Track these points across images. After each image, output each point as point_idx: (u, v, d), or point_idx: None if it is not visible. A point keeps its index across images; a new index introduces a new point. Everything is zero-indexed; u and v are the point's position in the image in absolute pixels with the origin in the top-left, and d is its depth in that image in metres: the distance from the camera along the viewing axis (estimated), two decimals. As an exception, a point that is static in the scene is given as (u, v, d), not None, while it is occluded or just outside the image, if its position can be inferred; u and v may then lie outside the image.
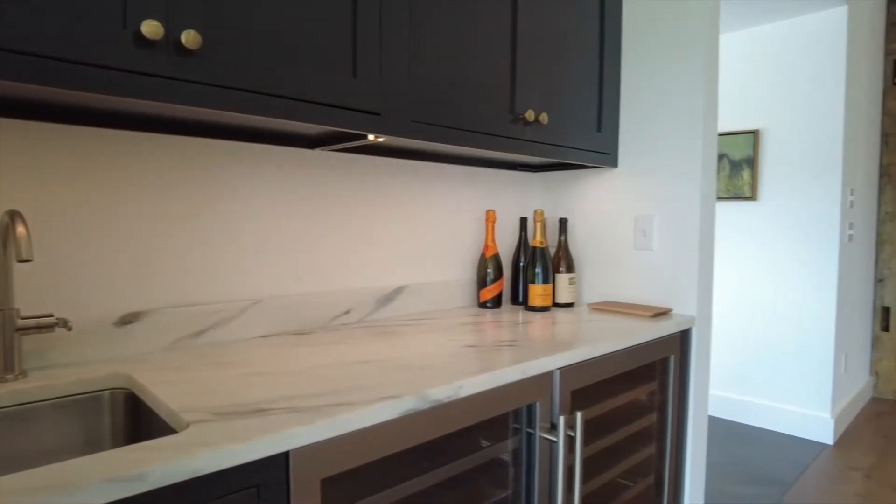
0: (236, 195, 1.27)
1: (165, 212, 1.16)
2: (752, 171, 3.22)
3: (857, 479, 2.61)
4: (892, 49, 3.71)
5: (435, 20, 1.24)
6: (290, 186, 1.36)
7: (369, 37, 1.11)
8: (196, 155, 1.20)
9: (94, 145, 1.07)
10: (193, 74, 0.88)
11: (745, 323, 3.27)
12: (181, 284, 1.19)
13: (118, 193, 1.10)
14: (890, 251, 3.72)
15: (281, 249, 1.35)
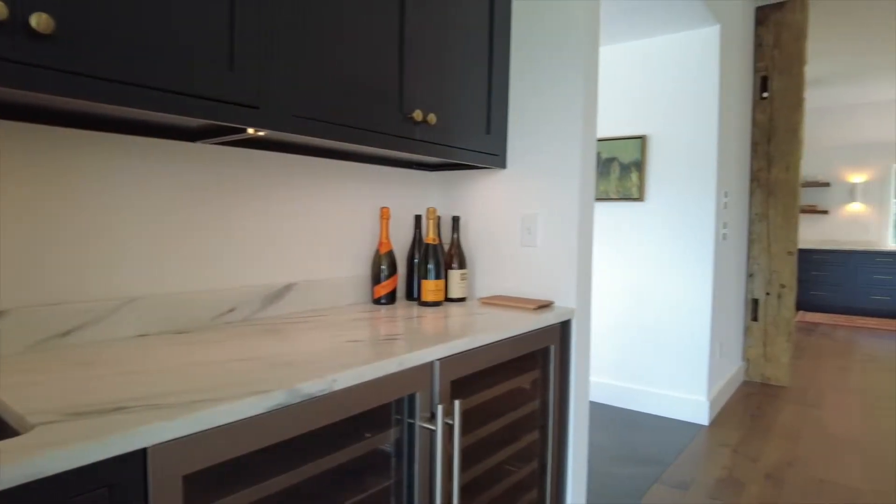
0: (109, 187, 1.21)
1: (29, 206, 1.09)
2: (640, 173, 3.45)
3: (725, 454, 2.88)
4: (760, 67, 4.11)
5: (320, 15, 1.24)
6: (171, 180, 1.32)
7: (248, 28, 1.10)
8: (64, 146, 1.14)
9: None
10: (47, 60, 0.84)
11: (632, 314, 3.51)
12: (45, 282, 1.12)
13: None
14: (758, 249, 4.11)
15: (159, 245, 1.30)
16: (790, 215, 4.00)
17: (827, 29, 4.69)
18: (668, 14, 3.03)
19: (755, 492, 2.47)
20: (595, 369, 3.66)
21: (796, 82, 3.99)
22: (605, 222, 3.60)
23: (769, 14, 4.06)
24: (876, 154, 7.81)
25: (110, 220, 1.22)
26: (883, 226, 7.80)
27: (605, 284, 3.60)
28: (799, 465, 2.76)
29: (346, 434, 1.10)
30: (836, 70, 5.96)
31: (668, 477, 2.60)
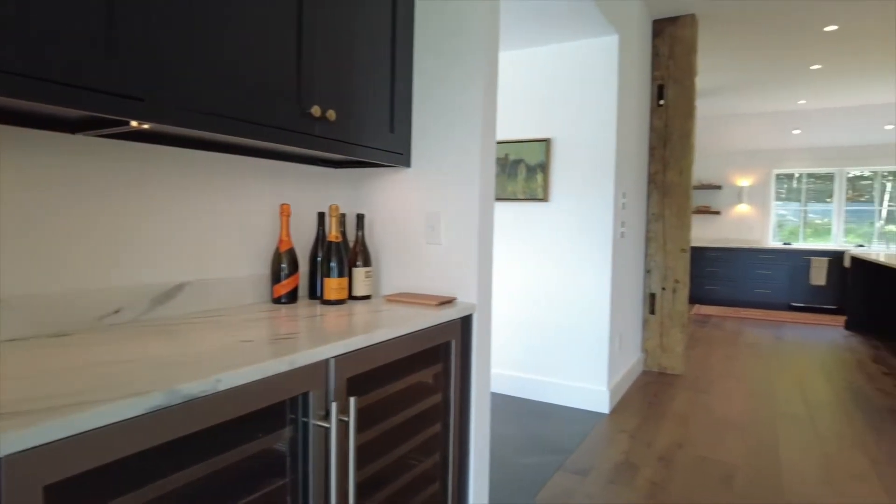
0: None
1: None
2: (545, 175, 3.59)
3: (623, 440, 3.05)
4: (657, 76, 4.38)
5: (212, 3, 1.20)
6: (52, 173, 1.23)
7: (131, 14, 1.05)
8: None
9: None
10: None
11: (539, 309, 3.65)
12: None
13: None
14: (655, 247, 4.39)
15: (33, 243, 1.22)
16: (683, 216, 4.30)
17: (717, 44, 5.08)
18: (569, 23, 3.17)
19: (648, 474, 2.64)
20: (503, 362, 3.77)
21: (688, 92, 4.29)
22: (512, 221, 3.71)
23: (665, 27, 4.35)
24: (760, 160, 8.54)
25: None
26: (765, 226, 8.55)
27: (514, 280, 3.72)
28: (687, 446, 2.98)
29: (239, 434, 1.08)
30: (726, 82, 6.47)
31: (569, 464, 2.73)
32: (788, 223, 8.55)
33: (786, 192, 8.53)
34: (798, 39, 4.94)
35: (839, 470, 2.72)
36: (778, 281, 7.97)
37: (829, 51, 5.24)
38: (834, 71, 5.90)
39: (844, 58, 5.45)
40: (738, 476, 2.63)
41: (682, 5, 4.14)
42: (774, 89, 6.77)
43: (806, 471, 2.70)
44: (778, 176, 8.53)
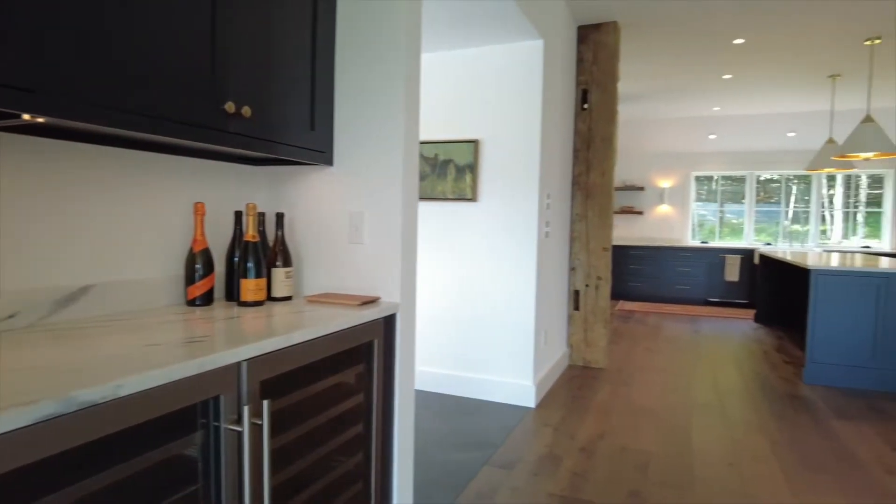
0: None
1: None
2: (473, 175, 3.65)
3: (548, 433, 3.15)
4: (581, 81, 4.54)
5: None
6: (-78, 169, 1.14)
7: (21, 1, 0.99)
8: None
9: None
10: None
11: (467, 307, 3.70)
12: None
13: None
14: (579, 245, 4.55)
15: None
16: (605, 216, 4.48)
17: (639, 52, 5.32)
18: (496, 27, 3.24)
19: (570, 465, 2.74)
20: (432, 360, 3.80)
21: (611, 97, 4.47)
22: (442, 221, 3.75)
23: (589, 34, 4.51)
24: (679, 163, 9.00)
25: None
26: (685, 225, 9.03)
27: (443, 279, 3.76)
28: (608, 436, 3.11)
29: (148, 441, 1.04)
30: (648, 88, 6.78)
31: (496, 459, 2.79)
32: (708, 222, 9.06)
33: (705, 193, 9.04)
34: (711, 51, 5.25)
35: (743, 452, 2.92)
36: (696, 277, 8.43)
37: (738, 62, 5.60)
38: (743, 80, 6.31)
39: (752, 69, 5.83)
40: (653, 463, 2.77)
41: (605, 13, 4.31)
42: (691, 96, 7.16)
43: (714, 454, 2.88)
44: (697, 178, 9.02)
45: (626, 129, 8.85)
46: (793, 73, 5.96)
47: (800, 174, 8.47)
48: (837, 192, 8.46)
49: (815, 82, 6.29)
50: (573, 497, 2.42)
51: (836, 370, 4.21)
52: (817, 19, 4.43)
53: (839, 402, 3.83)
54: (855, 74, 5.88)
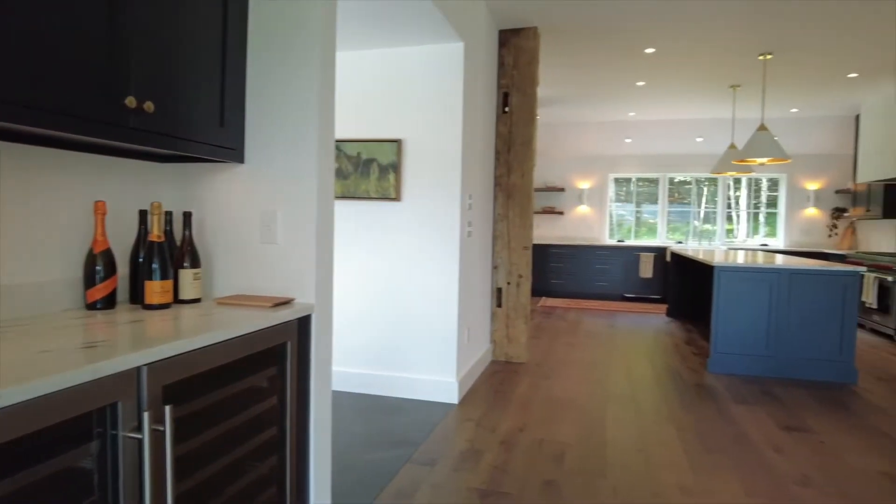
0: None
1: None
2: (397, 175, 3.66)
3: (470, 428, 3.21)
4: (502, 84, 4.64)
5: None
6: None
7: None
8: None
9: None
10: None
11: (391, 306, 3.71)
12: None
13: None
14: (501, 244, 4.66)
15: None
16: (525, 216, 4.61)
17: (559, 58, 5.50)
18: (416, 28, 3.26)
19: (490, 458, 2.81)
20: (354, 360, 3.78)
21: (530, 100, 4.60)
22: (365, 220, 3.74)
23: (510, 38, 4.62)
24: (597, 165, 9.39)
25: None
26: (603, 225, 9.43)
27: (366, 279, 3.75)
28: (527, 429, 3.21)
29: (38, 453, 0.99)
30: (567, 93, 7.02)
31: (418, 456, 2.82)
32: (626, 222, 9.50)
33: (623, 194, 9.47)
34: (625, 59, 5.52)
35: (651, 439, 3.10)
36: (613, 274, 8.83)
37: (650, 70, 5.91)
38: (655, 88, 6.67)
39: (662, 77, 6.18)
40: (569, 452, 2.89)
41: (525, 19, 4.44)
42: (608, 102, 7.49)
43: (625, 442, 3.04)
44: (614, 180, 9.44)
45: (548, 132, 9.13)
46: (699, 82, 6.36)
47: (709, 177, 9.04)
48: (742, 193, 9.10)
49: (718, 91, 6.74)
50: (492, 490, 2.48)
51: (736, 359, 4.54)
52: (718, 34, 4.75)
53: (738, 388, 4.14)
54: (752, 85, 6.36)
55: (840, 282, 4.33)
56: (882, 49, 5.09)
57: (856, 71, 5.82)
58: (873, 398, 3.97)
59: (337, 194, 3.78)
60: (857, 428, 3.34)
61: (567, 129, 9.08)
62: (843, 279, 4.32)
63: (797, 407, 3.73)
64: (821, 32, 4.68)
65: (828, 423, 3.41)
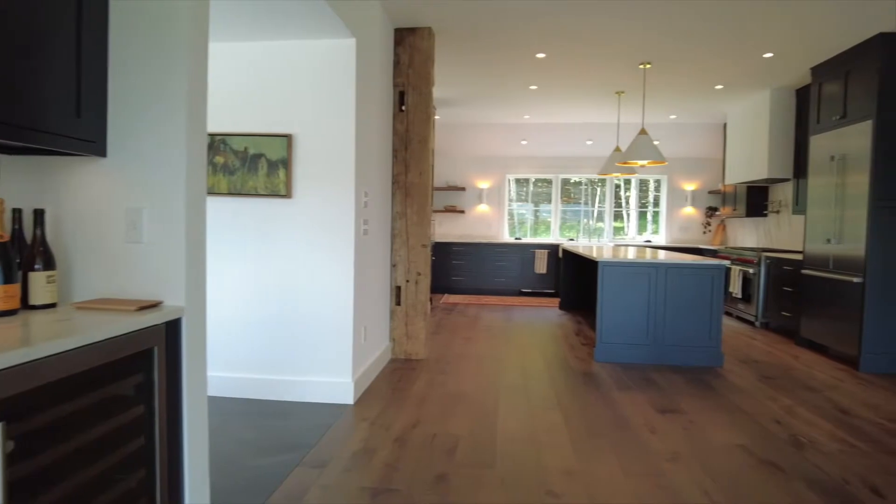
0: None
1: None
2: (287, 171, 3.56)
3: (364, 427, 3.19)
4: (398, 82, 4.65)
5: None
6: None
7: None
8: None
9: None
10: None
11: (282, 308, 3.60)
12: None
13: None
14: (399, 242, 4.67)
15: None
16: (423, 214, 4.65)
17: (456, 59, 5.59)
18: (306, 21, 3.19)
19: (383, 456, 2.81)
20: (244, 365, 3.64)
21: (426, 99, 4.65)
22: (253, 218, 3.60)
23: (405, 37, 4.63)
24: (496, 165, 9.66)
25: None
26: (501, 223, 9.71)
27: (255, 280, 3.62)
28: (421, 425, 3.24)
29: None
30: (466, 94, 7.15)
31: (309, 459, 2.76)
32: (524, 221, 9.84)
33: (522, 193, 9.80)
34: (518, 62, 5.71)
35: (540, 426, 3.23)
36: (511, 271, 9.13)
37: (542, 74, 6.16)
38: (547, 91, 6.96)
39: (553, 81, 6.46)
40: (461, 445, 2.95)
41: (419, 18, 4.47)
42: (504, 104, 7.72)
43: (515, 431, 3.15)
44: (512, 180, 9.75)
45: (449, 133, 9.26)
46: (587, 88, 6.72)
47: (601, 177, 9.57)
48: (633, 194, 9.72)
49: (605, 97, 7.15)
50: (383, 488, 2.48)
51: (620, 349, 4.85)
52: (603, 43, 5.04)
53: (621, 376, 4.42)
54: (635, 92, 6.81)
55: (708, 274, 4.74)
56: (742, 66, 5.64)
57: (721, 83, 6.40)
58: (736, 379, 4.39)
59: (222, 191, 3.61)
60: (721, 407, 3.69)
61: (467, 129, 9.26)
62: (710, 272, 4.75)
63: (672, 390, 4.05)
64: (691, 48, 5.10)
65: (697, 404, 3.73)
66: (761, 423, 3.39)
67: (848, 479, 2.64)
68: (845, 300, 4.91)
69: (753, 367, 4.80)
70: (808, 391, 4.09)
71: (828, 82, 5.36)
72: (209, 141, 3.61)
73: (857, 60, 4.90)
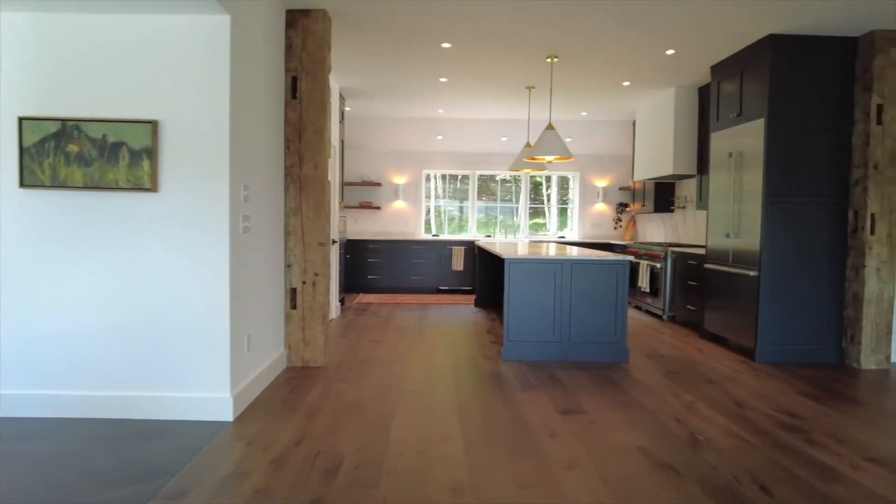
0: None
1: None
2: (153, 162, 3.15)
3: (240, 448, 2.86)
4: (290, 67, 4.31)
5: None
6: None
7: None
8: None
9: None
10: None
11: (147, 317, 3.20)
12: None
13: None
14: (294, 241, 4.33)
15: None
16: (320, 209, 4.34)
17: (357, 46, 5.29)
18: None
19: (255, 481, 2.50)
20: (101, 381, 3.20)
21: (322, 86, 4.33)
22: (112, 215, 3.18)
23: (298, 19, 4.29)
24: (412, 161, 9.43)
25: None
26: (418, 219, 9.50)
27: (111, 285, 3.19)
28: (306, 441, 2.95)
29: None
30: (375, 85, 6.85)
31: (167, 490, 2.41)
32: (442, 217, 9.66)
33: (439, 190, 9.61)
34: (423, 52, 5.48)
35: (435, 436, 3.02)
36: (429, 268, 8.93)
37: (450, 66, 5.97)
38: (458, 85, 6.78)
39: (463, 74, 6.29)
40: (345, 464, 2.68)
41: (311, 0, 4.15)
42: (417, 97, 7.48)
43: (408, 443, 2.92)
44: (429, 175, 9.55)
45: (361, 126, 8.91)
46: (498, 82, 6.60)
47: (514, 174, 9.54)
48: (553, 190, 9.76)
49: (517, 92, 7.07)
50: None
51: (527, 347, 4.73)
52: (509, 34, 4.90)
53: (527, 375, 4.30)
54: (545, 87, 6.76)
55: (613, 270, 4.72)
56: (647, 63, 5.68)
57: (628, 80, 6.46)
58: (640, 375, 4.37)
59: (77, 184, 3.15)
60: (624, 405, 3.62)
61: (381, 123, 8.94)
62: (615, 268, 4.72)
63: (576, 389, 3.96)
64: (597, 42, 5.06)
65: (600, 403, 3.65)
66: (662, 420, 3.35)
67: (739, 476, 2.60)
68: (743, 293, 5.04)
69: (659, 361, 4.82)
70: (708, 385, 4.12)
71: (725, 81, 5.49)
72: (59, 127, 3.14)
73: (750, 60, 5.03)
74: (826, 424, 3.32)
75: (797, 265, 4.81)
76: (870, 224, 4.63)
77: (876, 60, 4.57)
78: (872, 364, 4.68)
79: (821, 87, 4.75)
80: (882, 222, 4.64)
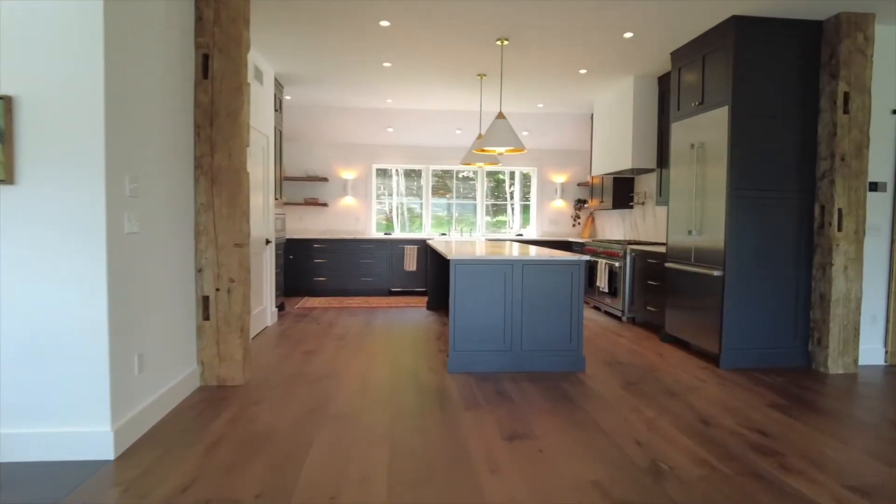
0: None
1: None
2: (8, 147, 2.57)
3: (113, 496, 2.32)
4: (201, 43, 3.74)
5: None
6: None
7: None
8: None
9: None
10: None
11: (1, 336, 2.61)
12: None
13: None
14: (206, 241, 3.77)
15: None
16: (237, 205, 3.80)
17: (284, 23, 4.74)
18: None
19: (115, 547, 1.97)
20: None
21: (237, 65, 3.78)
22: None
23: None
24: (360, 154, 8.89)
25: None
26: (368, 217, 8.97)
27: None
28: (197, 484, 2.43)
29: None
30: (314, 71, 6.30)
31: (-11, 567, 1.87)
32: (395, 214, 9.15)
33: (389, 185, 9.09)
34: (359, 31, 4.97)
35: (355, 475, 2.54)
36: (380, 268, 8.41)
37: (391, 49, 5.47)
38: (404, 70, 6.28)
39: (406, 58, 5.79)
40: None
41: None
42: (361, 85, 6.95)
43: (319, 486, 2.43)
44: (379, 170, 9.03)
45: (304, 116, 8.31)
46: (446, 66, 6.12)
47: (477, 168, 9.09)
48: (517, 187, 9.36)
49: (467, 80, 6.62)
50: None
51: (475, 357, 4.29)
52: (453, 12, 4.44)
53: (473, 390, 3.86)
54: (497, 75, 6.33)
55: (567, 271, 4.31)
56: (604, 47, 5.31)
57: (585, 67, 6.08)
58: (598, 386, 3.98)
59: None
60: (578, 426, 3.21)
61: (325, 113, 8.35)
62: (570, 268, 4.32)
63: (526, 406, 3.53)
64: (549, 21, 4.65)
65: (551, 425, 3.22)
66: (620, 445, 2.94)
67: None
68: (706, 295, 4.71)
69: (617, 369, 4.44)
70: (671, 397, 3.75)
71: (686, 67, 5.15)
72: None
73: (712, 44, 4.70)
74: (800, 444, 2.97)
75: (763, 264, 4.50)
76: (836, 220, 4.35)
77: (842, 45, 4.29)
78: (840, 368, 4.41)
79: (787, 73, 4.45)
80: (849, 217, 4.36)
